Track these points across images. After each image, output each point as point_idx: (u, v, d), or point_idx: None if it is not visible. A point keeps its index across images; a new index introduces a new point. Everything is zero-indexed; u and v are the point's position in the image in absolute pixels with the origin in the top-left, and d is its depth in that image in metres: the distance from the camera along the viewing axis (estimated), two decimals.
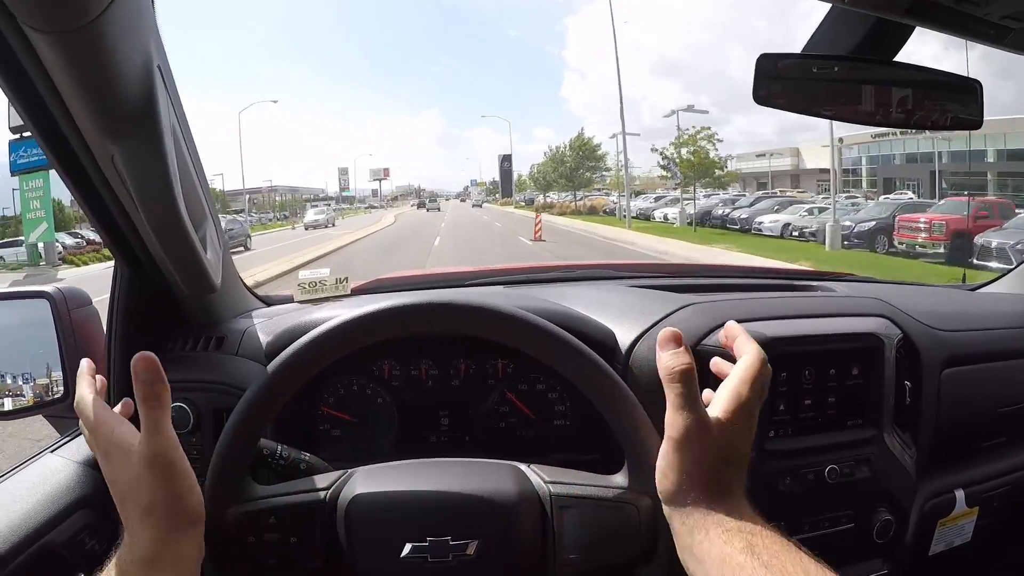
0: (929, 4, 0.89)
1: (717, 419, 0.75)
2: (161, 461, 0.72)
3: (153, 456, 0.72)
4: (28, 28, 0.68)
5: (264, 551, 0.79)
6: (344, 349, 0.83)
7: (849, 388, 1.23)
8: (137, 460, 0.72)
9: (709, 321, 1.20)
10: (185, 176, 0.97)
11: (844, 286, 1.62)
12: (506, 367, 1.29)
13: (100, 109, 0.81)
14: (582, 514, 0.80)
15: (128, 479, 0.72)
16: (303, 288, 1.48)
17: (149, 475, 0.71)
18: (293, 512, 0.80)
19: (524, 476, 0.84)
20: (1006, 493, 1.52)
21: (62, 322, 1.17)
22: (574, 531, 0.80)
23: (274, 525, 0.79)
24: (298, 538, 0.79)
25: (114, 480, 0.73)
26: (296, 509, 0.80)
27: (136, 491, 0.71)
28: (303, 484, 0.83)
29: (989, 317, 1.60)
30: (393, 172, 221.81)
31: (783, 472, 1.17)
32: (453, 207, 76.65)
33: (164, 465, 0.72)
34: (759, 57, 1.04)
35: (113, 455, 0.73)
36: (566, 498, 0.81)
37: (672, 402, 0.75)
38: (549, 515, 0.81)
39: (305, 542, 0.79)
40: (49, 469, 1.08)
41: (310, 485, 0.83)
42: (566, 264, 1.87)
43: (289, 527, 0.79)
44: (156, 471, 0.72)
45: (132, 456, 0.72)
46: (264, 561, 0.79)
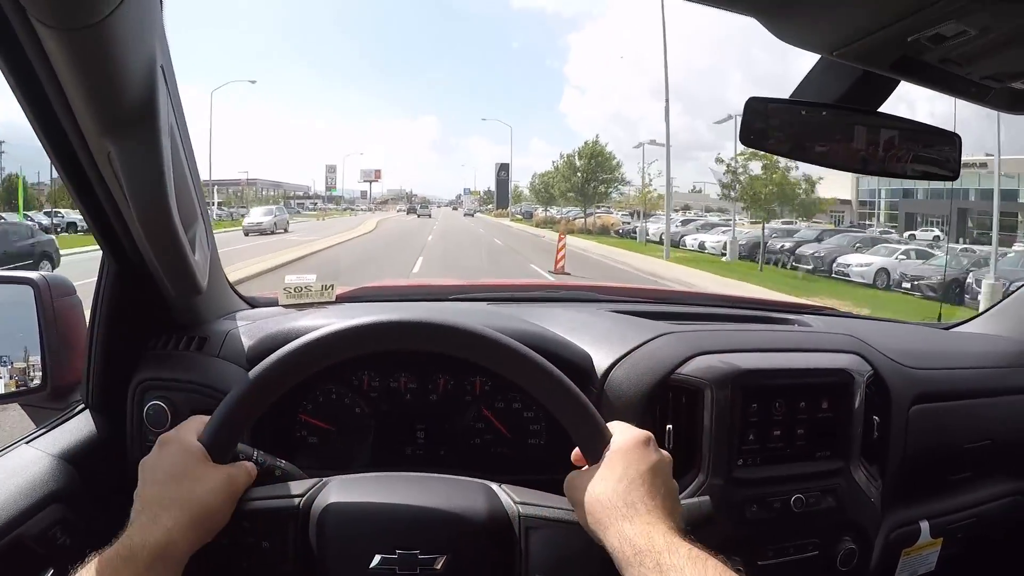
0: (913, 61, 0.92)
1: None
2: (236, 485, 0.80)
3: (233, 477, 0.80)
4: (38, 23, 0.69)
5: (237, 554, 0.80)
6: (317, 364, 0.84)
7: (819, 421, 1.26)
8: (216, 469, 0.79)
9: (684, 350, 1.23)
10: (179, 177, 0.97)
11: (821, 320, 1.65)
12: (484, 384, 1.31)
13: (101, 106, 0.82)
14: (550, 536, 0.82)
15: (186, 473, 0.77)
16: (288, 292, 1.48)
17: (221, 486, 0.78)
18: (267, 517, 0.81)
19: (495, 495, 0.86)
20: (971, 525, 1.56)
21: (45, 310, 1.17)
22: (541, 552, 0.81)
23: (248, 529, 0.80)
24: (271, 543, 0.80)
25: (170, 469, 0.77)
26: (270, 514, 0.81)
27: (187, 489, 0.76)
28: (278, 490, 0.84)
29: (960, 356, 1.64)
30: (386, 175, 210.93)
31: (750, 500, 1.20)
32: (444, 215, 72.20)
33: (236, 488, 0.80)
34: (748, 100, 1.07)
35: (189, 451, 0.79)
36: (535, 519, 0.83)
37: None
38: (518, 535, 0.82)
39: (278, 547, 0.80)
40: (23, 461, 1.06)
41: (285, 491, 0.84)
42: (550, 284, 1.90)
43: (262, 532, 0.80)
44: (230, 486, 0.79)
45: (212, 465, 0.79)
46: (237, 564, 0.80)
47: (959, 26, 0.81)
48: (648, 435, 0.81)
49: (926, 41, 0.85)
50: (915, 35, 0.84)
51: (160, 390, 1.19)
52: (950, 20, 0.79)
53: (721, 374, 1.19)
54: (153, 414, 1.17)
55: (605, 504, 0.74)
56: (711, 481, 1.17)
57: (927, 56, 0.91)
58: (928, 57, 0.91)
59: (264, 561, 0.80)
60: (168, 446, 0.80)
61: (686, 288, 10.70)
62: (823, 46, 0.92)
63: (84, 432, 1.17)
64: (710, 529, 0.87)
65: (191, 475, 0.77)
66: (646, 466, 0.77)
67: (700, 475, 1.18)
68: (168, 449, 0.79)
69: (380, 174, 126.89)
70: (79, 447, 1.14)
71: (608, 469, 0.77)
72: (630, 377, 1.22)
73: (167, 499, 0.74)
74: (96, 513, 1.06)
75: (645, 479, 0.75)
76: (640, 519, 0.71)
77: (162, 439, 0.81)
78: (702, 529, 0.84)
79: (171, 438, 0.81)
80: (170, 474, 0.77)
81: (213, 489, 0.77)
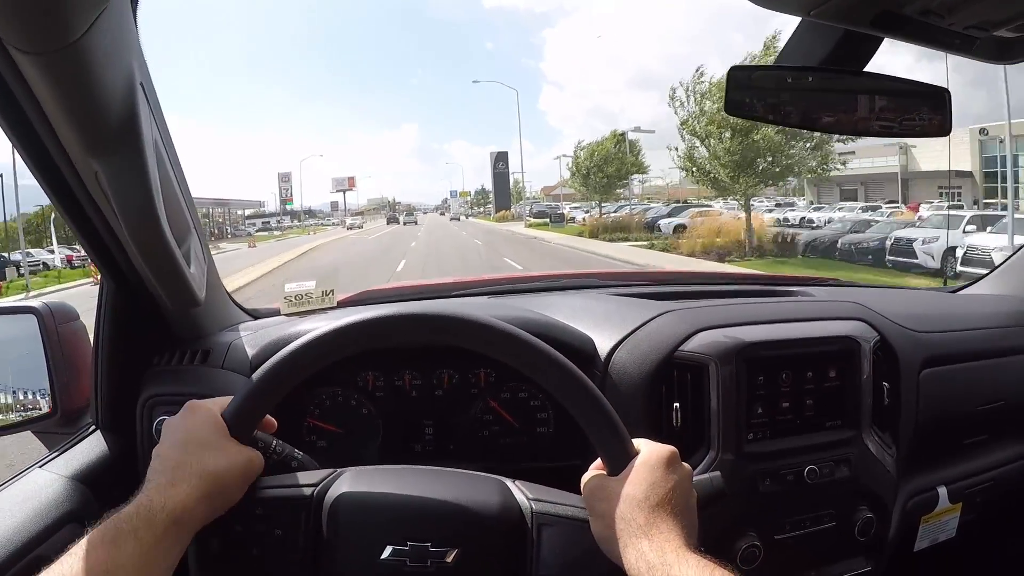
0: (894, 16, 0.91)
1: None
2: (253, 468, 0.82)
3: (252, 460, 0.81)
4: (13, 49, 0.70)
5: (249, 541, 0.80)
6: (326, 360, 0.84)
7: (827, 390, 1.25)
8: (238, 447, 0.81)
9: (687, 327, 1.22)
10: (168, 191, 0.98)
11: (824, 291, 1.64)
12: (488, 376, 1.31)
13: (84, 127, 0.82)
14: (561, 532, 0.81)
15: (208, 442, 0.78)
16: (289, 301, 1.49)
17: (238, 464, 0.79)
18: (279, 505, 0.81)
19: (508, 491, 0.85)
20: (989, 489, 1.54)
21: (50, 337, 1.18)
22: (553, 549, 0.81)
23: (260, 516, 0.80)
24: (282, 531, 0.80)
25: (192, 434, 0.79)
26: (283, 502, 0.82)
27: (205, 459, 0.77)
28: (291, 479, 0.84)
29: (969, 318, 1.63)
30: (365, 183, 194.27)
31: (763, 474, 1.19)
32: (430, 221, 68.22)
33: (253, 471, 0.82)
34: (731, 69, 1.06)
35: (214, 422, 0.81)
36: (548, 516, 0.82)
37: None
38: (530, 531, 0.81)
39: (289, 536, 0.80)
40: (37, 485, 1.07)
41: (298, 480, 0.84)
42: (549, 274, 1.89)
43: (275, 519, 0.81)
44: (247, 467, 0.81)
45: (234, 441, 0.81)
46: (248, 550, 0.80)
47: None
48: (673, 451, 0.80)
49: None
50: None
51: (168, 405, 1.19)
52: None
53: (725, 348, 1.18)
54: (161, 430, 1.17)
55: (629, 521, 0.74)
56: (722, 457, 1.16)
57: (907, 9, 0.90)
58: (908, 10, 0.91)
59: (276, 549, 0.80)
60: (193, 413, 0.81)
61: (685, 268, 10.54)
62: (800, 6, 0.92)
63: (96, 452, 1.18)
64: (724, 505, 0.87)
65: (211, 445, 0.78)
66: (670, 484, 0.76)
67: (710, 452, 1.17)
68: (193, 416, 0.81)
69: (354, 182, 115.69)
70: (92, 467, 1.15)
71: (634, 486, 0.76)
72: (633, 357, 1.21)
73: (185, 465, 0.75)
74: None
75: (669, 499, 0.75)
76: (659, 536, 0.72)
77: (189, 404, 0.83)
78: (715, 505, 0.84)
79: (197, 406, 0.82)
80: (191, 440, 0.78)
81: (230, 465, 0.78)
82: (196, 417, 0.81)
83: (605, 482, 0.79)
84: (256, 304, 1.58)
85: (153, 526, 0.70)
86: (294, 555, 0.80)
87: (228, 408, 0.82)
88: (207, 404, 0.83)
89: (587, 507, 0.80)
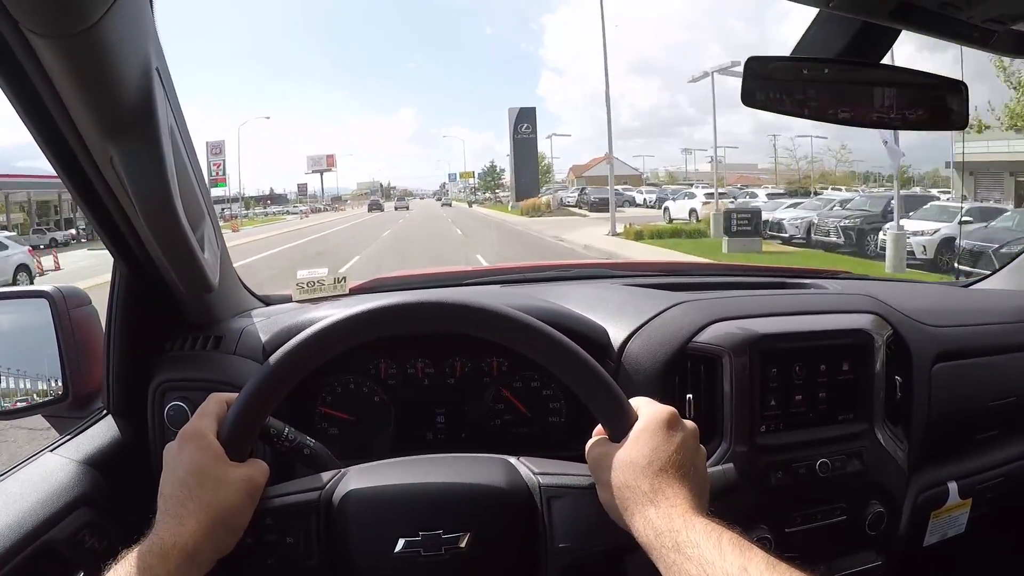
0: (912, 7, 0.91)
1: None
2: (255, 484, 0.80)
3: (252, 477, 0.79)
4: (30, 33, 0.70)
5: (262, 551, 0.80)
6: (342, 346, 0.83)
7: (840, 383, 1.25)
8: (235, 470, 0.78)
9: (700, 319, 1.22)
10: (183, 177, 0.98)
11: (837, 284, 1.64)
12: (501, 365, 1.31)
13: (99, 111, 0.82)
14: (572, 503, 0.82)
15: (208, 474, 0.77)
16: (301, 287, 1.49)
17: (240, 487, 0.77)
18: (288, 512, 0.81)
19: (513, 468, 0.86)
20: (999, 484, 1.54)
21: (61, 322, 1.18)
22: (564, 520, 0.81)
23: (271, 526, 0.80)
24: (295, 538, 0.80)
25: (191, 469, 0.77)
26: (291, 509, 0.81)
27: (208, 491, 0.76)
28: (296, 485, 0.84)
29: (981, 313, 1.62)
30: (354, 164, 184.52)
31: (775, 466, 1.19)
32: (421, 208, 62.61)
33: (255, 487, 0.80)
34: (748, 60, 1.06)
35: (209, 451, 0.79)
36: (555, 488, 0.83)
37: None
38: (539, 506, 0.82)
39: (302, 541, 0.80)
40: (48, 468, 1.07)
41: (303, 486, 0.84)
42: (562, 263, 1.89)
43: (285, 527, 0.80)
44: (249, 486, 0.79)
45: (231, 465, 0.79)
46: (262, 561, 0.80)
47: None
48: (673, 411, 0.79)
49: None
50: None
51: (179, 391, 1.20)
52: None
53: (739, 340, 1.18)
54: (174, 415, 1.18)
55: (634, 489, 0.73)
56: (734, 449, 1.16)
57: (926, 1, 0.90)
58: (927, 2, 0.90)
59: (289, 556, 0.80)
60: (188, 444, 0.79)
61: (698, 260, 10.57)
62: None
63: (107, 437, 1.18)
64: (736, 497, 0.87)
65: (212, 476, 0.77)
66: (673, 447, 0.76)
67: (723, 443, 1.17)
68: (187, 448, 0.79)
69: (334, 160, 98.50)
70: (103, 452, 1.15)
71: (635, 451, 0.76)
72: (647, 348, 1.21)
73: (190, 502, 0.75)
74: (123, 516, 1.07)
75: (673, 461, 0.75)
76: (665, 502, 0.71)
77: (183, 434, 0.81)
78: (727, 497, 0.84)
79: (190, 436, 0.80)
80: (190, 474, 0.77)
81: (233, 491, 0.77)
82: (189, 449, 0.78)
83: (608, 449, 0.79)
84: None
85: (167, 562, 0.70)
86: (309, 560, 0.80)
87: (223, 431, 0.80)
88: (202, 430, 0.80)
89: (592, 476, 0.81)
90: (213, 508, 0.75)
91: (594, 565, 0.83)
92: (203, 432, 0.80)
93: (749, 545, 0.65)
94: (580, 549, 0.81)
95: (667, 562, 0.67)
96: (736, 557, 0.63)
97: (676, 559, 0.66)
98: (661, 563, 0.68)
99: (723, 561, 0.63)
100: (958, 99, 1.10)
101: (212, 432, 0.80)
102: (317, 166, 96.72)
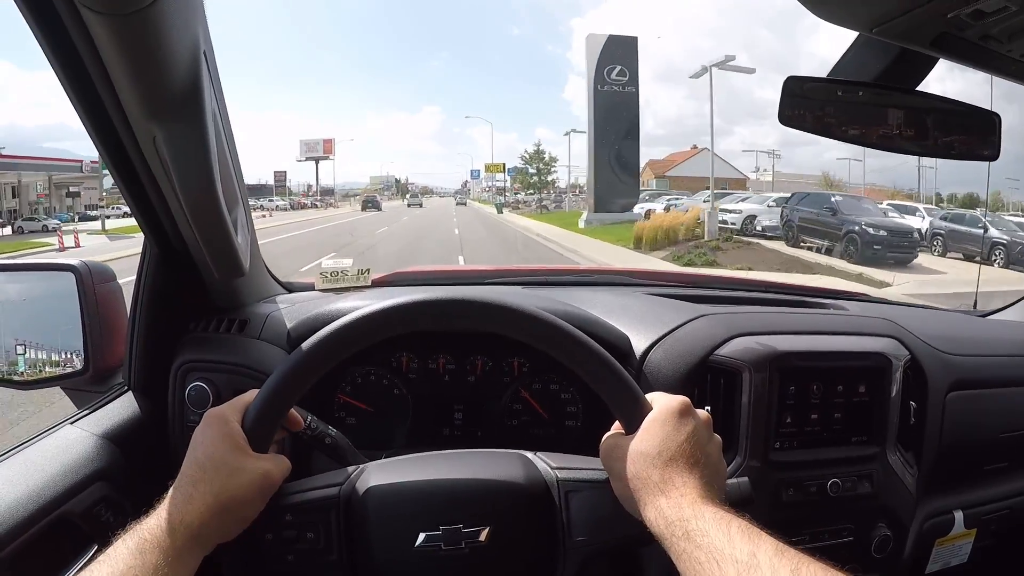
0: (953, 38, 0.92)
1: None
2: (271, 480, 0.80)
3: (269, 473, 0.80)
4: (85, 9, 0.70)
5: (282, 547, 0.81)
6: (376, 336, 0.84)
7: (855, 405, 1.26)
8: (254, 462, 0.79)
9: (723, 332, 1.23)
10: (222, 160, 0.99)
11: (856, 305, 1.64)
12: (522, 366, 1.32)
13: (147, 91, 0.83)
14: (588, 497, 0.83)
15: (224, 461, 0.77)
16: (325, 277, 1.50)
17: (255, 480, 0.78)
18: (308, 508, 0.82)
19: (531, 463, 0.87)
20: (1005, 517, 1.54)
21: (87, 296, 1.20)
22: (581, 514, 0.83)
23: (291, 522, 0.81)
24: (315, 533, 0.81)
25: (209, 452, 0.78)
26: (311, 505, 0.82)
27: (221, 477, 0.77)
28: (316, 481, 0.85)
29: (997, 344, 1.63)
30: (375, 162, 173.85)
31: (786, 483, 1.20)
32: (434, 208, 55.17)
33: (271, 483, 0.80)
34: (787, 79, 1.07)
35: (230, 438, 0.79)
36: (572, 482, 0.84)
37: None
38: (557, 500, 0.83)
39: (322, 537, 0.81)
40: (68, 440, 1.07)
41: (323, 482, 0.85)
42: (584, 268, 1.90)
43: (306, 523, 0.81)
44: (263, 481, 0.79)
45: (250, 456, 0.79)
46: (283, 557, 0.81)
47: (1000, 1, 0.80)
48: (685, 401, 0.81)
49: (966, 17, 0.85)
50: (955, 11, 0.84)
51: (202, 371, 1.21)
52: None
53: (759, 356, 1.19)
54: (195, 395, 1.19)
55: (644, 479, 0.75)
56: (748, 463, 1.17)
57: (967, 33, 0.90)
58: (968, 34, 0.91)
59: (311, 552, 0.81)
60: (212, 427, 0.80)
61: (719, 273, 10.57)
62: (863, 23, 0.92)
63: (127, 413, 1.19)
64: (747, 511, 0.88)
65: (229, 463, 0.77)
66: (684, 436, 0.77)
67: (737, 457, 1.18)
68: (211, 431, 0.80)
69: (332, 146, 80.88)
70: (122, 427, 1.15)
71: (645, 442, 0.77)
72: (669, 358, 1.22)
73: (201, 483, 0.76)
74: (139, 492, 1.08)
75: (684, 451, 0.76)
76: (675, 492, 0.72)
77: (208, 416, 0.82)
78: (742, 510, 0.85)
79: (217, 418, 0.81)
80: (209, 458, 0.77)
81: (247, 483, 0.77)
82: (213, 432, 0.80)
83: (619, 441, 0.80)
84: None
85: (174, 538, 0.72)
86: (330, 556, 0.81)
87: (247, 421, 0.81)
88: (227, 415, 0.81)
89: (605, 468, 0.82)
90: (224, 495, 0.76)
91: (611, 558, 0.85)
92: (227, 418, 0.81)
93: (758, 532, 0.67)
94: (597, 542, 0.82)
95: (678, 551, 0.68)
96: (745, 544, 0.64)
97: (687, 547, 0.67)
98: (672, 552, 0.69)
99: (732, 548, 0.64)
100: (991, 129, 1.11)
101: (237, 420, 0.81)
102: (312, 152, 79.73)
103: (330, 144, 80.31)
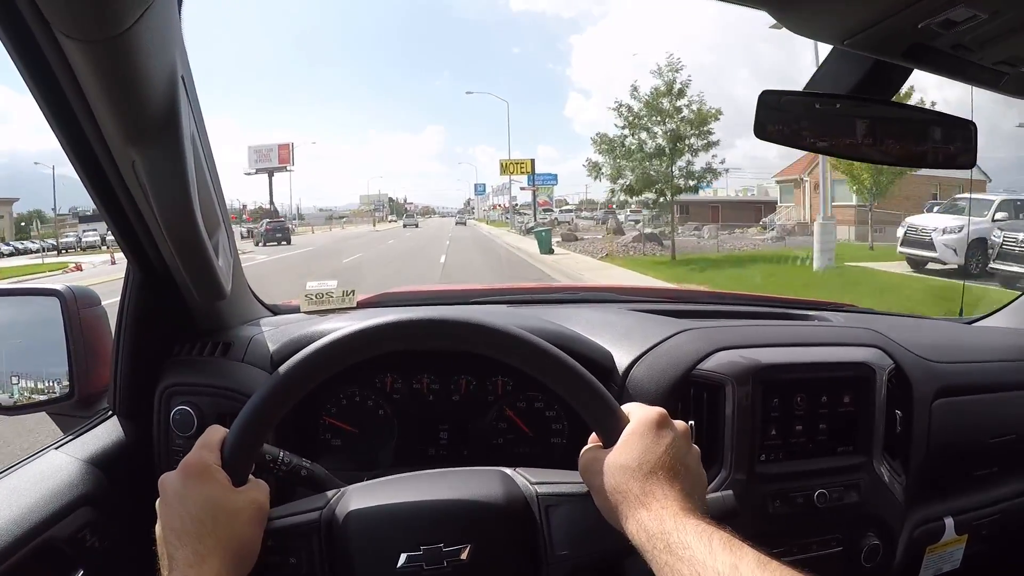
0: (925, 48, 0.92)
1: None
2: (263, 508, 0.80)
3: (257, 501, 0.79)
4: (61, 35, 0.71)
5: (265, 573, 0.80)
6: (344, 361, 0.83)
7: (840, 415, 1.26)
8: (244, 497, 0.78)
9: (705, 346, 1.24)
10: (202, 184, 0.99)
11: (841, 317, 1.65)
12: (506, 384, 1.32)
13: (125, 116, 0.83)
14: (569, 511, 0.83)
15: (221, 508, 0.76)
16: (310, 299, 1.50)
17: (252, 515, 0.78)
18: (289, 534, 0.81)
19: (510, 479, 0.87)
20: (996, 522, 1.54)
21: (71, 321, 1.19)
22: (562, 528, 0.82)
23: (272, 548, 0.80)
24: (297, 559, 0.80)
25: (204, 504, 0.76)
26: (292, 531, 0.81)
27: (225, 526, 0.75)
28: (297, 507, 0.84)
29: (983, 350, 1.63)
30: (372, 182, 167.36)
31: (773, 495, 1.20)
32: (429, 229, 51.61)
33: (264, 511, 0.80)
34: (762, 93, 1.07)
35: (218, 483, 0.78)
36: (552, 496, 0.84)
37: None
38: (537, 515, 0.83)
39: (304, 562, 0.80)
40: (53, 466, 1.07)
41: (304, 507, 0.84)
42: (569, 286, 1.91)
43: (287, 549, 0.81)
44: (258, 512, 0.79)
45: (239, 492, 0.78)
46: None
47: (969, 10, 0.81)
48: (662, 412, 0.80)
49: (937, 27, 0.85)
50: (926, 21, 0.84)
51: (186, 395, 1.21)
52: (959, 4, 0.79)
53: (742, 369, 1.19)
54: (180, 419, 1.19)
55: (624, 492, 0.74)
56: (733, 476, 1.17)
57: (939, 43, 0.91)
58: (940, 43, 0.92)
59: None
60: (194, 479, 0.78)
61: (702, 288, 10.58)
62: (834, 36, 0.93)
63: (112, 438, 1.19)
64: (733, 524, 0.88)
65: (225, 509, 0.76)
66: (662, 448, 0.76)
67: (722, 470, 1.18)
68: (195, 483, 0.77)
69: (290, 153, 64.34)
70: (107, 452, 1.15)
71: (624, 455, 0.77)
72: (651, 373, 1.22)
73: (208, 538, 0.74)
74: (124, 517, 1.08)
75: (663, 462, 0.75)
76: (656, 504, 0.72)
77: (187, 468, 0.79)
78: (726, 523, 0.85)
79: (196, 469, 0.78)
80: (204, 511, 0.75)
81: (247, 520, 0.77)
82: (200, 483, 0.77)
83: (598, 454, 0.80)
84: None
85: None
86: None
87: (225, 456, 0.80)
88: (206, 460, 0.79)
89: (585, 482, 0.82)
90: (232, 542, 0.75)
91: (595, 572, 0.84)
92: (207, 464, 0.79)
93: (740, 544, 0.66)
94: (579, 556, 0.82)
95: (660, 563, 0.68)
96: (727, 556, 0.64)
97: (668, 560, 0.67)
98: (654, 564, 0.69)
99: (714, 560, 0.64)
100: (967, 138, 1.11)
101: (216, 462, 0.79)
102: (264, 163, 62.94)
103: (287, 150, 63.45)
